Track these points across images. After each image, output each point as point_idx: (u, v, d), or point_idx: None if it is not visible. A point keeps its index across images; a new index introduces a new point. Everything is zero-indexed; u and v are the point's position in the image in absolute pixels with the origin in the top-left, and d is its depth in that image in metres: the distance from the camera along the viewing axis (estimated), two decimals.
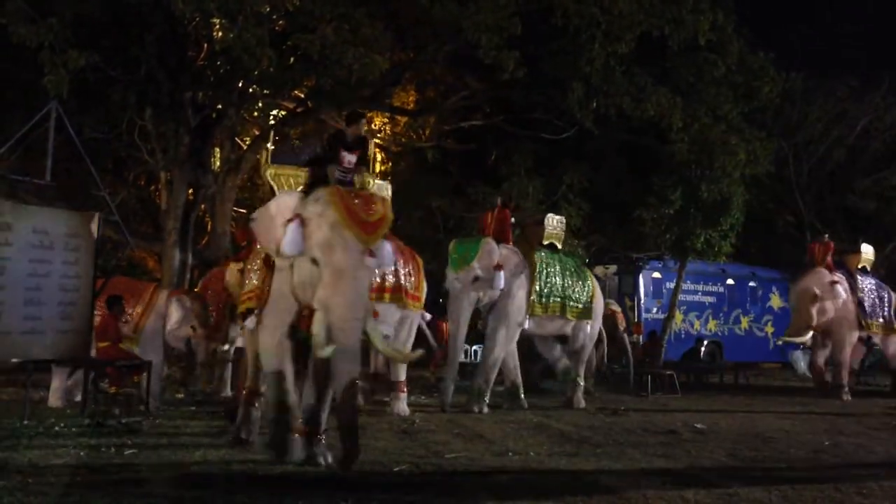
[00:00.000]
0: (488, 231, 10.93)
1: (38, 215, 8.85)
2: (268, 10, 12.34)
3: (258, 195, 19.45)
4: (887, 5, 30.57)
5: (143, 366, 9.60)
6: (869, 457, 7.23)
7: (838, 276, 13.74)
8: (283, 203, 6.40)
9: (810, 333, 13.51)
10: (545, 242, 11.70)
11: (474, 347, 17.42)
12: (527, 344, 11.77)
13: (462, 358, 12.37)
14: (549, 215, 12.19)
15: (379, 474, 5.97)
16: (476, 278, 10.31)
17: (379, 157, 20.69)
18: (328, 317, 5.81)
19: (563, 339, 11.73)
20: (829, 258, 14.11)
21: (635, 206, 16.25)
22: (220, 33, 12.76)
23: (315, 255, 5.96)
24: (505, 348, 10.67)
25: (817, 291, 13.37)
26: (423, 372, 14.23)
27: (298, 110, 15.77)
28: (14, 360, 8.86)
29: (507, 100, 15.85)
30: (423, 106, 18.23)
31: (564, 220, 12.40)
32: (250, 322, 7.02)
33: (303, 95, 15.63)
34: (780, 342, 17.44)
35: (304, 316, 6.19)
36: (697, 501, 5.27)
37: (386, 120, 19.30)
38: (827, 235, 14.91)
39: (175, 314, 10.08)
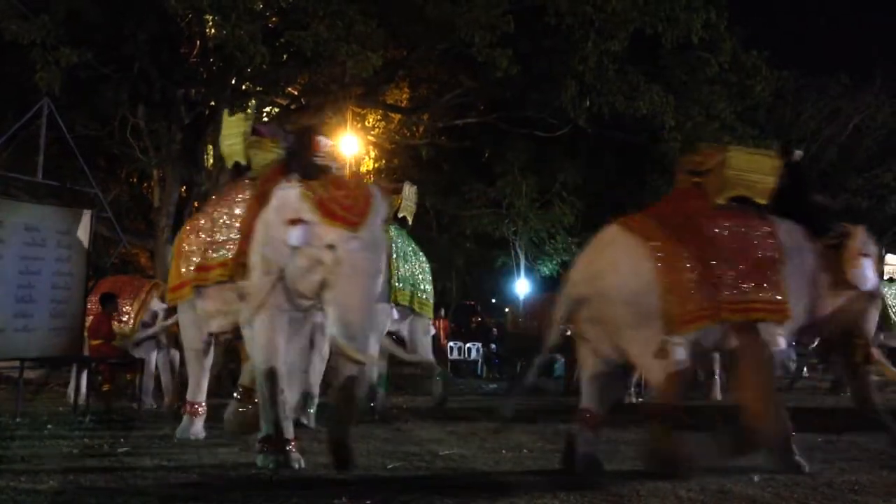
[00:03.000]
0: None
1: (29, 212, 8.82)
2: (261, 6, 12.33)
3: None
4: (879, 3, 30.66)
5: (136, 363, 9.59)
6: (862, 454, 7.26)
7: None
8: None
9: None
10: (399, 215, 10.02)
11: (468, 345, 17.47)
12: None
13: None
14: (406, 184, 10.58)
15: (373, 473, 5.98)
16: None
17: (372, 154, 20.68)
18: None
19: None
20: None
21: (629, 205, 16.26)
22: (212, 30, 12.74)
23: None
24: None
25: None
26: (416, 370, 14.21)
27: (292, 107, 15.74)
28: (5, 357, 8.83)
29: (500, 98, 15.85)
30: (417, 103, 18.21)
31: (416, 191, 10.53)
32: None
33: (296, 92, 15.61)
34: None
35: None
36: (691, 499, 5.28)
37: (379, 117, 19.27)
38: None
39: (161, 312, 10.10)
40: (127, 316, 10.11)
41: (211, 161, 15.65)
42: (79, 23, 11.81)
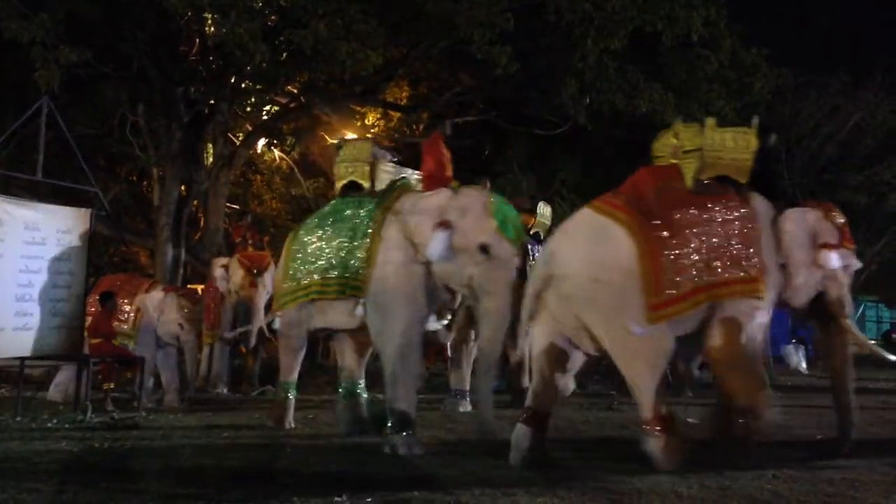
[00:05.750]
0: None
1: (30, 211, 8.83)
2: (260, 5, 12.32)
3: (251, 190, 19.43)
4: (879, 1, 30.64)
5: (136, 362, 9.60)
6: (861, 451, 7.26)
7: None
8: None
9: None
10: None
11: None
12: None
13: None
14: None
15: (373, 471, 5.99)
16: None
17: None
18: None
19: None
20: None
21: None
22: (212, 28, 12.74)
23: None
24: None
25: None
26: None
27: (291, 106, 15.75)
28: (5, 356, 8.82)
29: (500, 96, 15.85)
30: (417, 102, 18.22)
31: None
32: None
33: (296, 91, 15.61)
34: None
35: None
36: (691, 496, 5.28)
37: (379, 116, 19.29)
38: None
39: (164, 310, 10.11)
40: (126, 315, 10.12)
41: (211, 160, 15.66)
42: (78, 21, 11.82)
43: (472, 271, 6.60)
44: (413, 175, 8.09)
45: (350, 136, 17.55)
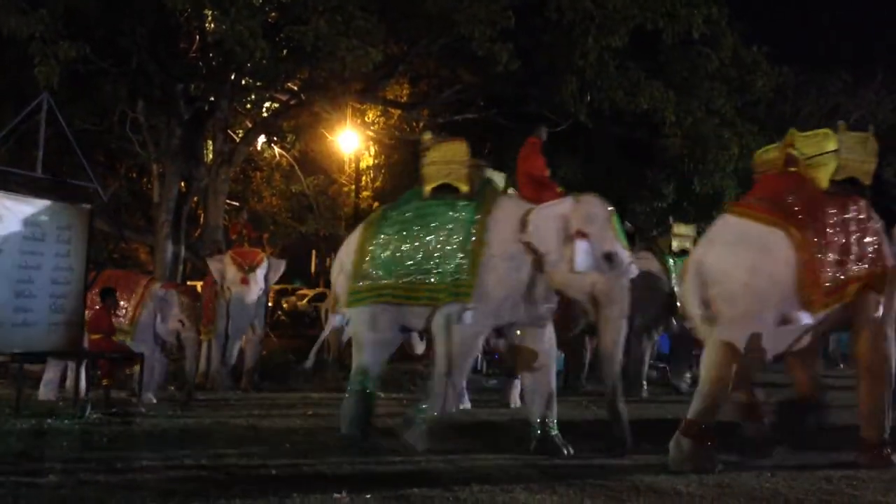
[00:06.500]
0: None
1: (29, 207, 8.80)
2: (261, 1, 12.32)
3: (251, 187, 19.44)
4: (880, 0, 30.60)
5: (136, 358, 9.58)
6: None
7: None
8: None
9: None
10: None
11: None
12: None
13: None
14: None
15: (372, 468, 5.98)
16: None
17: (372, 150, 20.67)
18: None
19: None
20: None
21: (629, 200, 16.23)
22: (212, 25, 12.74)
23: None
24: None
25: None
26: (417, 365, 14.19)
27: (291, 102, 15.73)
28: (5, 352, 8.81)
29: (500, 93, 15.84)
30: (417, 99, 18.20)
31: None
32: None
33: (296, 88, 15.60)
34: None
35: None
36: (690, 493, 5.29)
37: (379, 113, 19.28)
38: None
39: (164, 307, 10.10)
40: (124, 311, 10.10)
41: (210, 156, 15.66)
42: (77, 17, 11.80)
43: (596, 279, 6.66)
44: (495, 175, 7.81)
45: (349, 131, 17.56)
